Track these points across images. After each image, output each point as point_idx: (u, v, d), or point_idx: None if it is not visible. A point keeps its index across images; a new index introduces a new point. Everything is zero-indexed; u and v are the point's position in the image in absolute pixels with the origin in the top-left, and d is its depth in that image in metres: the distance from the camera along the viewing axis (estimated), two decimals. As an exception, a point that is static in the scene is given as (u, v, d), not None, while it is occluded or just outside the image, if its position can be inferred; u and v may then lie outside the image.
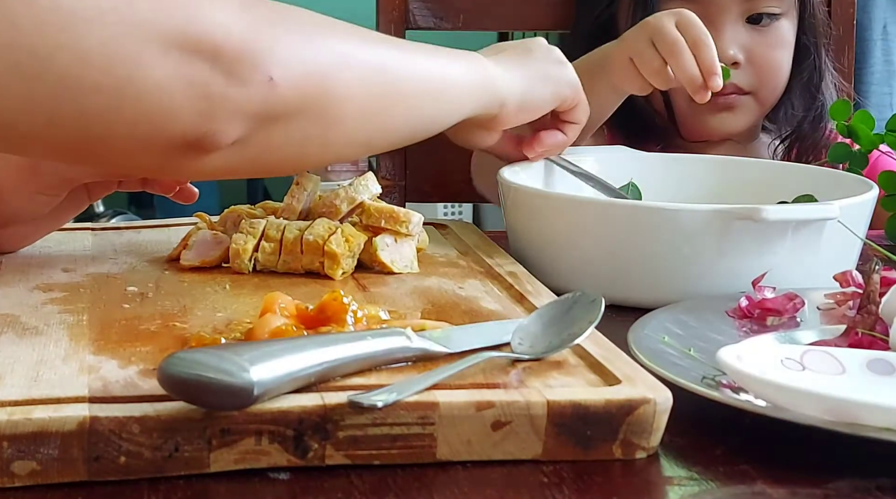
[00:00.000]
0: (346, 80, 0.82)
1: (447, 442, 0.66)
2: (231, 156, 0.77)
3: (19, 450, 0.62)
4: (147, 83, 0.72)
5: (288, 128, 0.79)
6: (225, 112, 0.75)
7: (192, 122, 0.74)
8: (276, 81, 0.76)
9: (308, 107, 0.80)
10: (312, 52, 0.80)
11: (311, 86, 0.79)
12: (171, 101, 0.73)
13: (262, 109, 0.76)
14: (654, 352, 0.78)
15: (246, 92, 0.75)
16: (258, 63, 0.75)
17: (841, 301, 0.91)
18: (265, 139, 0.78)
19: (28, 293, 0.88)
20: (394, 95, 0.87)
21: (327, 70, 0.81)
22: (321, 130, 0.82)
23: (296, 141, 0.81)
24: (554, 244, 1.01)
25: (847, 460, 0.68)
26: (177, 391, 0.64)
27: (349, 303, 0.77)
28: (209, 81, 0.73)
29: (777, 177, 1.17)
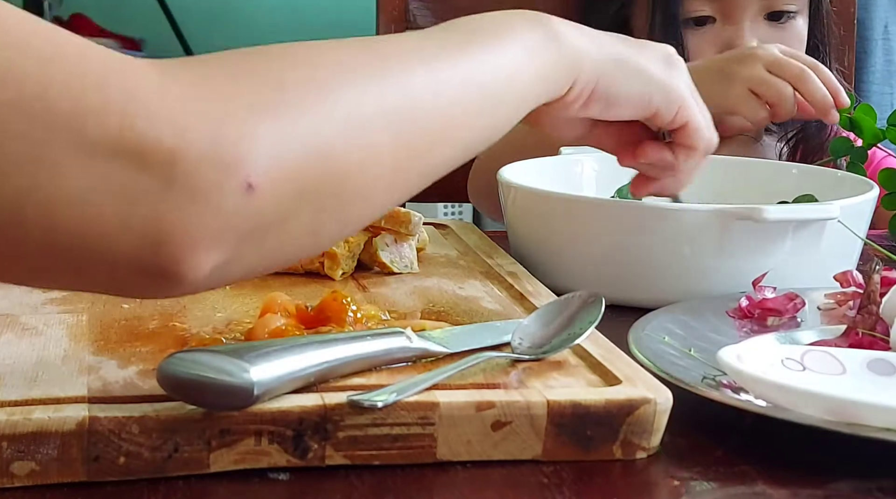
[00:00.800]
0: (356, 147, 0.62)
1: (447, 442, 0.66)
2: (219, 278, 0.60)
3: (18, 450, 0.62)
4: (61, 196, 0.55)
5: (289, 228, 0.61)
6: (187, 239, 0.57)
7: (139, 248, 0.56)
8: (258, 186, 0.57)
9: (312, 197, 0.61)
10: (302, 127, 0.60)
11: (310, 171, 0.60)
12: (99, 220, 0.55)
13: (244, 226, 0.58)
14: (654, 352, 0.78)
15: (216, 210, 0.57)
16: (229, 168, 0.57)
17: (841, 301, 0.91)
18: (260, 251, 0.61)
19: (27, 293, 0.88)
20: (431, 135, 0.67)
21: (328, 144, 0.61)
22: (337, 213, 0.63)
23: (304, 236, 0.62)
24: (554, 244, 1.01)
25: (847, 461, 0.68)
26: (176, 391, 0.64)
27: (349, 303, 0.77)
28: (157, 199, 0.56)
29: (777, 177, 1.17)
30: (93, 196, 0.55)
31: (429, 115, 0.67)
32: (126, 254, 0.57)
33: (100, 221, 0.56)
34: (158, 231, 0.56)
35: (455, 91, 0.68)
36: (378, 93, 0.64)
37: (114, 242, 0.56)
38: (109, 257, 0.57)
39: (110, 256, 0.57)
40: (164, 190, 0.56)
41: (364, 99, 0.63)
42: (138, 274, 0.58)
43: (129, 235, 0.56)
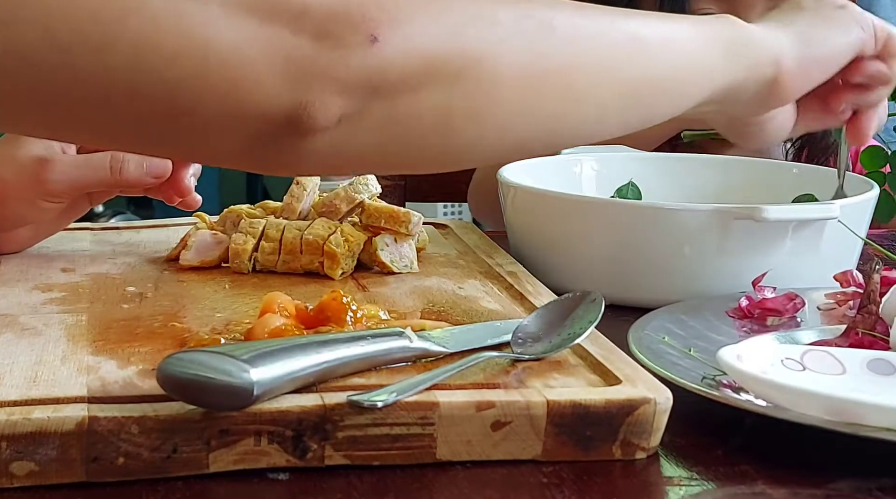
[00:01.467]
0: (490, 38, 0.64)
1: (447, 442, 0.66)
2: (343, 136, 0.63)
3: (18, 450, 0.62)
4: (226, 48, 0.60)
5: (417, 98, 0.63)
6: (316, 81, 0.61)
7: (279, 93, 0.61)
8: (383, 42, 0.61)
9: (440, 71, 0.63)
10: (442, 8, 0.64)
11: (441, 45, 0.63)
12: (252, 68, 0.60)
13: (366, 76, 0.61)
14: (654, 352, 0.78)
15: (339, 56, 0.61)
16: (355, 22, 0.61)
17: (841, 301, 0.91)
18: (386, 112, 0.63)
19: (27, 293, 0.88)
20: (574, 62, 0.67)
21: (460, 25, 0.64)
22: (466, 98, 0.64)
23: (433, 114, 0.64)
24: (554, 244, 1.01)
25: (847, 460, 0.68)
26: (176, 392, 0.63)
27: (349, 303, 0.77)
28: (293, 44, 0.60)
29: (778, 176, 1.17)
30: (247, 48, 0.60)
31: (574, 43, 0.68)
32: (266, 99, 0.61)
33: (247, 69, 0.60)
34: (295, 74, 0.61)
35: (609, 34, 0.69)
36: (531, 12, 0.66)
37: (257, 88, 0.61)
38: (259, 105, 0.61)
39: (259, 105, 0.61)
40: (297, 37, 0.61)
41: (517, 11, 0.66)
42: (274, 125, 0.62)
43: (268, 80, 0.61)
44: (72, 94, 0.60)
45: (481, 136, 0.67)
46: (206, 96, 0.61)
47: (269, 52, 0.60)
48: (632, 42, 0.70)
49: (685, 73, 0.73)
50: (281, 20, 0.60)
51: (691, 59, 0.74)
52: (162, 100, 0.61)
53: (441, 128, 0.65)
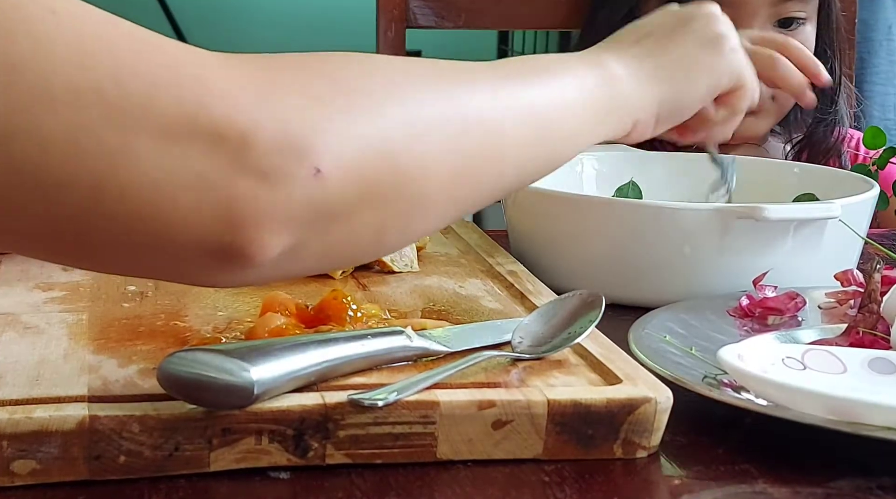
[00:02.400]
0: (419, 152, 0.64)
1: (448, 441, 0.66)
2: (282, 267, 0.61)
3: (20, 449, 0.62)
4: (137, 181, 0.56)
5: (353, 223, 0.62)
6: (256, 220, 0.58)
7: (210, 230, 0.58)
8: (326, 173, 0.59)
9: (375, 194, 0.62)
10: (369, 125, 0.62)
11: (374, 168, 0.62)
12: (173, 204, 0.57)
13: (309, 210, 0.60)
14: (654, 351, 0.78)
15: (285, 193, 0.58)
16: (299, 154, 0.58)
17: (842, 300, 0.91)
18: (325, 241, 0.62)
19: (28, 292, 0.88)
20: (489, 153, 0.69)
21: (392, 144, 0.63)
22: (398, 217, 0.65)
23: (368, 234, 0.64)
24: (555, 243, 1.01)
25: (848, 460, 0.68)
26: (177, 390, 0.64)
27: (349, 302, 0.77)
28: (230, 180, 0.57)
29: (779, 176, 1.17)
30: (168, 180, 0.57)
31: (489, 134, 0.69)
32: (197, 236, 0.58)
33: (174, 205, 0.57)
34: (230, 212, 0.58)
35: (515, 116, 0.71)
36: (442, 104, 0.66)
37: (186, 225, 0.58)
38: (182, 241, 0.58)
39: (183, 240, 0.58)
40: (237, 172, 0.57)
41: (428, 107, 0.66)
42: (208, 257, 0.59)
43: (201, 217, 0.58)
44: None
45: (409, 237, 0.69)
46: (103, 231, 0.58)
47: (198, 188, 0.57)
48: (532, 118, 0.72)
49: (571, 139, 0.76)
50: (217, 152, 0.57)
51: (576, 127, 0.76)
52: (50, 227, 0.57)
53: (375, 243, 0.65)
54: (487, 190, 0.70)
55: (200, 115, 0.57)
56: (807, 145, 1.48)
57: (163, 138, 0.56)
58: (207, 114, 0.57)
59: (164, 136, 0.56)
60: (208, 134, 0.57)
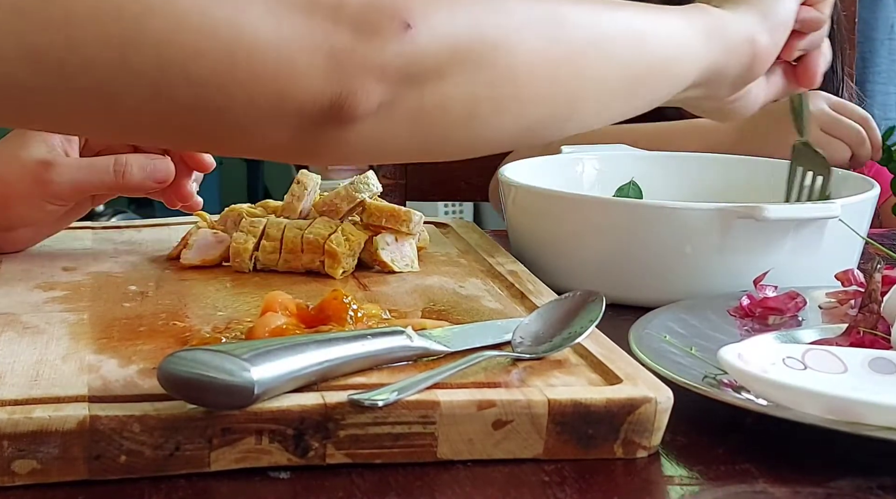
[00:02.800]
0: (510, 30, 0.68)
1: (448, 441, 0.66)
2: (381, 124, 0.66)
3: (20, 449, 0.62)
4: (259, 44, 0.62)
5: (445, 85, 0.66)
6: (357, 70, 0.63)
7: (320, 84, 0.63)
8: (415, 29, 0.64)
9: (465, 58, 0.66)
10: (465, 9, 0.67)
11: (464, 32, 0.66)
12: (290, 62, 0.62)
13: (402, 64, 0.64)
14: (655, 351, 0.78)
15: (378, 45, 0.63)
16: (389, 11, 0.64)
17: (843, 300, 0.91)
18: (418, 100, 0.66)
19: (28, 292, 0.88)
20: (586, 49, 0.72)
21: (482, 15, 0.67)
22: (490, 87, 0.68)
23: (459, 102, 0.67)
24: (555, 243, 1.01)
25: (848, 459, 0.68)
26: (177, 390, 0.64)
27: (350, 302, 0.77)
28: (331, 36, 0.63)
29: (778, 176, 1.17)
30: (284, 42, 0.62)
31: (587, 34, 0.72)
32: (312, 93, 0.63)
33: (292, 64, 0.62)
34: (334, 65, 0.63)
35: (611, 22, 0.74)
36: (542, 6, 0.70)
37: (303, 83, 0.63)
38: (300, 99, 0.63)
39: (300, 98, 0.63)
40: (335, 27, 0.63)
41: (529, 6, 0.70)
42: (319, 115, 0.64)
43: (314, 74, 0.63)
44: (95, 94, 0.61)
45: (502, 122, 0.70)
46: (239, 93, 0.62)
47: (309, 45, 0.62)
48: (629, 31, 0.75)
49: (675, 58, 0.78)
50: (319, 13, 0.62)
51: (679, 46, 0.79)
52: (187, 99, 0.62)
53: (466, 117, 0.68)
54: (586, 89, 0.72)
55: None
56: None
57: (274, 4, 0.62)
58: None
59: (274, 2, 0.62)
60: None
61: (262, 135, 0.65)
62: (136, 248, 1.03)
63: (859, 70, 1.79)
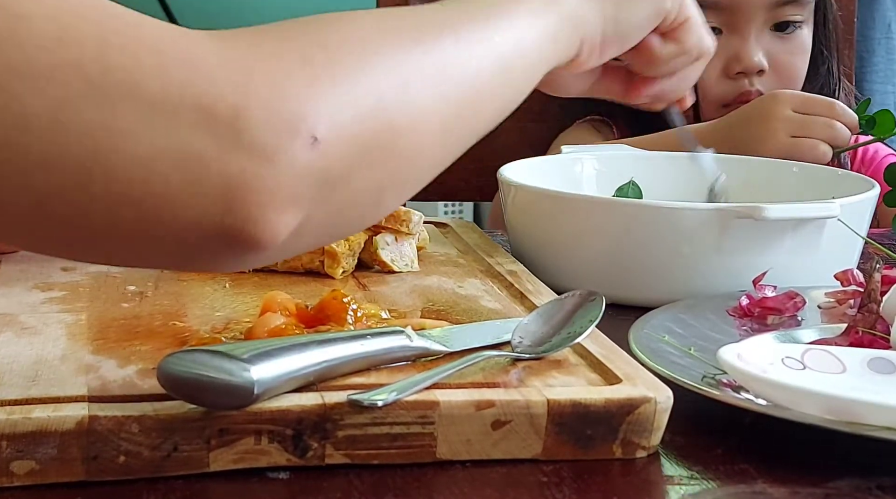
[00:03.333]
0: (409, 105, 0.64)
1: (447, 441, 0.66)
2: (292, 242, 0.60)
3: (18, 449, 0.62)
4: (123, 160, 0.55)
5: (353, 186, 0.61)
6: (262, 199, 0.57)
7: (210, 213, 0.56)
8: (323, 140, 0.58)
9: (373, 153, 0.62)
10: (359, 86, 0.61)
11: (370, 127, 0.61)
12: (165, 183, 0.55)
13: (314, 181, 0.59)
14: (654, 351, 0.78)
15: (287, 167, 0.57)
16: (294, 125, 0.57)
17: (842, 300, 0.91)
18: (329, 210, 0.61)
19: (27, 292, 0.88)
20: (470, 98, 0.69)
21: (384, 101, 0.62)
22: (396, 172, 0.64)
23: (368, 195, 0.63)
24: (554, 243, 1.01)
25: (847, 459, 0.68)
26: (176, 391, 0.63)
27: (349, 302, 0.77)
28: (225, 161, 0.56)
29: (778, 176, 1.17)
30: (158, 160, 0.55)
31: (467, 80, 0.68)
32: (194, 218, 0.56)
33: (167, 187, 0.55)
34: (229, 192, 0.56)
35: (485, 60, 0.70)
36: (421, 57, 0.66)
37: (180, 206, 0.56)
38: (177, 223, 0.57)
39: (180, 223, 0.57)
40: (231, 149, 0.56)
41: (408, 62, 0.65)
42: (212, 241, 0.58)
43: (196, 198, 0.56)
44: None
45: (406, 195, 0.68)
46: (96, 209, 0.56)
47: (192, 168, 0.55)
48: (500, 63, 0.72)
49: (533, 69, 0.75)
50: (208, 130, 0.56)
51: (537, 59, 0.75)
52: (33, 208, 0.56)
53: (375, 205, 0.65)
54: (471, 135, 0.70)
55: (187, 92, 0.56)
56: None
57: (148, 114, 0.55)
58: (194, 91, 0.56)
59: (150, 111, 0.55)
60: (198, 111, 0.56)
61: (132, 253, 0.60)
62: (135, 248, 1.03)
63: (857, 69, 1.79)
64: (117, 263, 0.68)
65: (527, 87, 0.75)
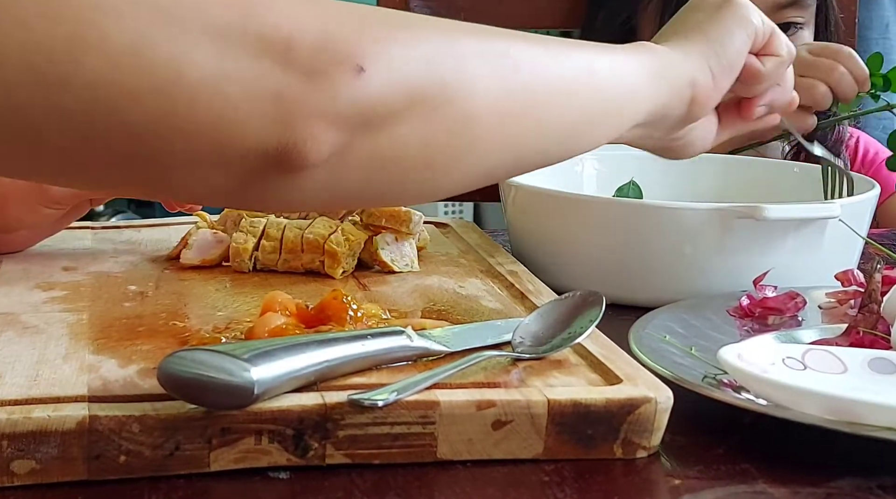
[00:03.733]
0: (467, 73, 0.65)
1: (448, 441, 0.66)
2: (333, 172, 0.62)
3: (19, 449, 0.62)
4: (202, 87, 0.58)
5: (400, 129, 0.63)
6: (307, 117, 0.60)
7: (266, 131, 0.59)
8: (369, 73, 0.61)
9: (420, 101, 0.63)
10: (414, 38, 0.64)
11: (420, 76, 0.63)
12: (234, 107, 0.59)
13: (355, 110, 0.61)
14: (655, 351, 0.78)
15: (330, 90, 0.60)
16: (342, 53, 0.61)
17: (842, 300, 0.91)
18: (372, 147, 0.63)
19: (28, 292, 0.88)
20: (541, 96, 0.69)
21: (437, 57, 0.64)
22: (445, 132, 0.65)
23: (415, 149, 0.64)
24: (555, 243, 1.01)
25: (848, 459, 0.68)
26: (177, 390, 0.63)
27: (349, 302, 0.77)
28: (280, 80, 0.59)
29: (778, 176, 1.17)
30: (229, 86, 0.58)
31: (541, 79, 0.69)
32: (257, 140, 0.60)
33: (235, 110, 0.59)
34: (283, 111, 0.59)
35: (569, 70, 0.72)
36: (481, 41, 0.68)
37: (248, 130, 0.59)
38: (244, 146, 0.60)
39: (245, 145, 0.60)
40: (285, 72, 0.59)
41: (465, 38, 0.67)
42: (267, 163, 0.60)
43: (260, 120, 0.59)
44: (23, 136, 0.57)
45: (459, 169, 0.68)
46: (177, 139, 0.59)
47: (255, 90, 0.59)
48: (584, 73, 0.73)
49: (625, 99, 0.76)
50: (267, 56, 0.59)
51: (629, 86, 0.77)
52: (121, 144, 0.58)
53: (423, 165, 0.65)
54: (532, 143, 0.70)
55: (249, 20, 0.59)
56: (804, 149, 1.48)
57: (218, 45, 0.58)
58: (255, 20, 0.59)
59: (219, 42, 0.58)
60: (257, 38, 0.59)
61: (202, 181, 0.62)
62: (135, 248, 1.03)
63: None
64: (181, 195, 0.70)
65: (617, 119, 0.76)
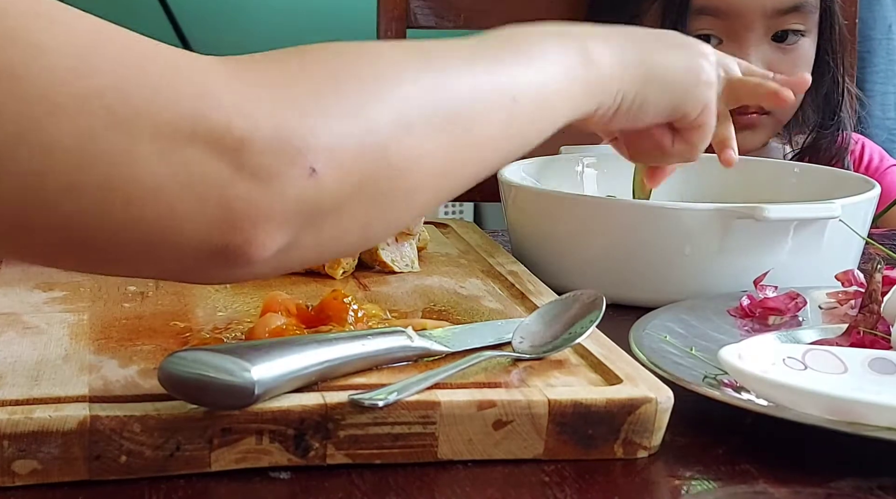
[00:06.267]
0: (409, 145, 0.64)
1: (448, 441, 0.66)
2: (278, 262, 0.62)
3: (20, 449, 0.62)
4: (143, 186, 0.57)
5: (344, 218, 0.63)
6: (254, 219, 0.59)
7: (212, 231, 0.59)
8: (321, 172, 0.60)
9: (366, 189, 0.63)
10: (362, 121, 0.63)
11: (368, 165, 0.62)
12: (177, 206, 0.58)
13: (304, 208, 0.60)
14: (655, 351, 0.78)
15: (280, 192, 0.59)
16: (294, 154, 0.59)
17: (843, 300, 0.91)
18: (317, 237, 0.63)
19: (29, 292, 0.88)
20: (473, 141, 0.69)
21: (385, 139, 0.63)
22: (387, 210, 0.65)
23: (356, 228, 0.65)
24: (555, 243, 1.01)
25: (848, 460, 0.68)
26: (178, 391, 0.64)
27: (350, 302, 0.77)
28: (228, 182, 0.58)
29: (778, 176, 1.17)
30: (172, 184, 0.58)
31: (471, 120, 0.69)
32: (197, 238, 0.59)
33: (177, 208, 0.58)
34: (229, 213, 0.59)
35: (494, 99, 0.70)
36: (429, 94, 0.67)
37: (187, 228, 0.59)
38: (182, 242, 0.59)
39: (183, 242, 0.59)
40: (234, 174, 0.59)
41: (416, 98, 0.66)
42: (207, 257, 0.60)
43: (202, 219, 0.59)
44: None
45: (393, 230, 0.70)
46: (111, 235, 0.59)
47: (201, 190, 0.58)
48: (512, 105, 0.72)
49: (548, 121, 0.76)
50: (215, 156, 0.58)
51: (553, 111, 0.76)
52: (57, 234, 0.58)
53: (361, 238, 0.66)
54: (469, 177, 0.70)
55: (199, 120, 0.58)
56: (807, 151, 1.48)
57: (165, 143, 0.57)
58: (206, 119, 0.58)
59: (167, 140, 0.57)
60: (207, 138, 0.58)
61: (152, 266, 0.62)
62: (136, 248, 1.03)
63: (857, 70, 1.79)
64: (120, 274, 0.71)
65: (536, 140, 0.75)
